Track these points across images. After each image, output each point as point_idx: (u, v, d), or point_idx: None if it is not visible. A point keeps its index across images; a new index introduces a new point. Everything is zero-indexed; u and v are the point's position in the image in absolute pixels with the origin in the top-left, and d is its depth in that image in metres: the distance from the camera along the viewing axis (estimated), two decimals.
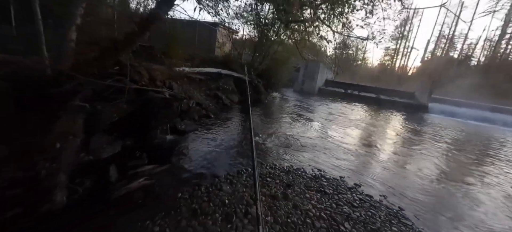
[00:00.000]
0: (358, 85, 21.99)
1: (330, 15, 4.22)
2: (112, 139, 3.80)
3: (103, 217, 2.24)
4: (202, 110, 6.80)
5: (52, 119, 3.02)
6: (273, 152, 4.67)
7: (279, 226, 2.33)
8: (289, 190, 3.09)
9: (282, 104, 11.79)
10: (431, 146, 6.97)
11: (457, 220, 3.06)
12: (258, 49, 11.91)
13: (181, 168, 3.54)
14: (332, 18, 4.13)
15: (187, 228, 2.15)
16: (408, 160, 5.32)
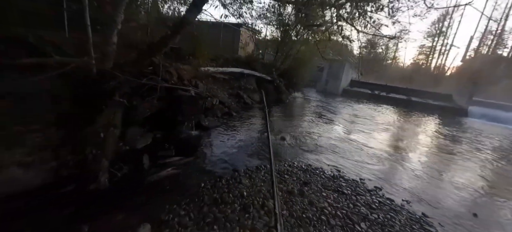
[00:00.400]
0: (387, 86, 20.77)
1: (353, 14, 4.16)
2: (144, 132, 4.22)
3: (137, 198, 2.56)
4: (225, 108, 7.10)
5: (97, 112, 3.49)
6: (292, 151, 4.74)
7: (294, 220, 2.43)
8: (306, 187, 3.16)
9: (304, 104, 11.70)
10: (469, 153, 6.41)
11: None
12: (280, 49, 11.95)
13: (204, 160, 3.81)
14: (356, 17, 4.07)
15: (209, 214, 2.37)
16: (439, 168, 4.99)
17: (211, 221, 2.27)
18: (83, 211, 2.26)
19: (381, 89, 20.16)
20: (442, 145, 7.03)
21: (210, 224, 2.23)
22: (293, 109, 10.03)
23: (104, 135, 3.17)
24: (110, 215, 2.24)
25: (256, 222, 2.32)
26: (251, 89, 9.79)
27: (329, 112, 10.00)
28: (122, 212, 2.30)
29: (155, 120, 4.46)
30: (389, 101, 17.26)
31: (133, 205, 2.44)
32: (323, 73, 19.27)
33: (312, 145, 5.23)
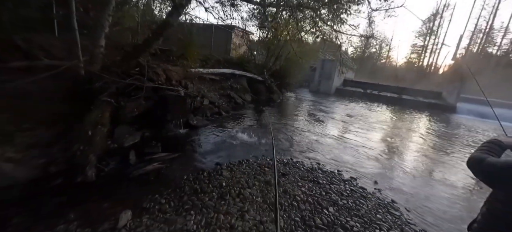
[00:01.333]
0: (379, 85, 21.16)
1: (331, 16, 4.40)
2: (132, 130, 4.39)
3: (122, 190, 2.75)
4: (215, 108, 7.29)
5: (85, 111, 3.66)
6: (277, 147, 4.95)
7: (266, 206, 2.63)
8: (283, 178, 3.37)
9: (295, 104, 11.93)
10: (449, 148, 6.71)
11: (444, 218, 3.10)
12: (271, 50, 12.19)
13: (190, 156, 4.01)
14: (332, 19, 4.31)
15: (188, 202, 2.56)
16: (421, 162, 5.25)
17: (189, 208, 2.46)
18: (70, 200, 2.44)
19: (374, 88, 20.52)
20: (428, 140, 7.32)
21: (188, 210, 2.42)
22: (283, 109, 10.26)
23: (92, 133, 3.34)
24: (96, 204, 2.42)
25: (230, 207, 2.52)
26: (242, 89, 10.00)
27: (320, 111, 10.25)
28: (107, 201, 2.48)
29: (143, 118, 4.64)
30: (381, 100, 17.61)
31: (117, 196, 2.62)
32: (316, 73, 19.56)
33: (298, 142, 5.45)
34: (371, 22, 4.49)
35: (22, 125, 3.22)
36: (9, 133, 3.04)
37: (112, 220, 2.18)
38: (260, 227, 2.26)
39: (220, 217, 2.34)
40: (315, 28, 4.38)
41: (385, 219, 2.75)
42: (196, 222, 2.23)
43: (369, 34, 4.66)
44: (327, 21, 4.52)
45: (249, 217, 2.38)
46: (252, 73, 11.20)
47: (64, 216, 2.19)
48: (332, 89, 19.26)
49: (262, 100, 10.78)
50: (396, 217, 2.84)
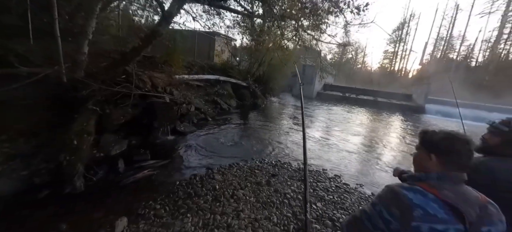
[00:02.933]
0: (356, 89, 22.43)
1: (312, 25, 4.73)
2: (119, 138, 4.31)
3: (114, 198, 2.72)
4: (201, 114, 7.31)
5: (69, 120, 3.55)
6: (264, 150, 5.13)
7: (259, 204, 2.77)
8: (273, 179, 3.53)
9: (279, 108, 12.27)
10: None
11: None
12: (254, 56, 12.47)
13: (180, 162, 4.02)
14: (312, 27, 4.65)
15: (183, 205, 2.61)
16: (396, 158, 5.73)
17: (185, 211, 2.52)
18: (60, 212, 2.38)
19: (351, 91, 21.70)
20: (402, 139, 7.96)
21: (184, 213, 2.48)
22: (268, 113, 10.50)
23: (78, 142, 3.25)
24: (88, 214, 2.39)
25: (226, 208, 2.62)
26: (227, 95, 10.10)
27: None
28: (99, 211, 2.46)
29: (130, 126, 4.56)
30: (358, 103, 18.66)
31: (110, 204, 2.59)
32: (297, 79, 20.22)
33: (284, 145, 5.67)
34: (347, 31, 4.91)
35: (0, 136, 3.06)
36: None
37: (108, 228, 2.18)
38: (256, 224, 2.39)
39: (217, 217, 2.43)
40: (297, 36, 4.67)
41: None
42: (193, 224, 2.30)
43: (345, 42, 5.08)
44: (307, 30, 4.85)
45: (244, 216, 2.50)
46: (236, 79, 11.35)
47: (55, 228, 2.14)
48: (313, 94, 20.05)
49: (247, 105, 10.95)
50: None
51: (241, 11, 4.39)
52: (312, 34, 4.83)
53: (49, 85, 3.82)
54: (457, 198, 0.75)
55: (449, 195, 0.76)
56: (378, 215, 0.82)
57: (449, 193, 0.76)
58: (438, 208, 0.74)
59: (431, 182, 0.82)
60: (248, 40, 12.10)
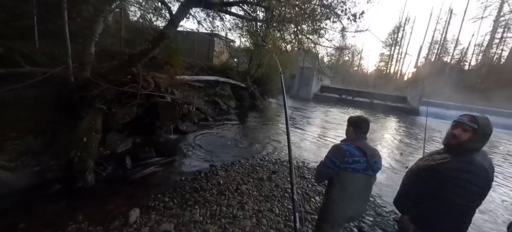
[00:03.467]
0: (352, 91, 22.78)
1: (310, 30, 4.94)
2: (124, 137, 4.44)
3: (124, 191, 2.87)
4: (201, 114, 7.47)
5: (76, 118, 3.68)
6: (264, 149, 5.31)
7: (262, 198, 2.95)
8: (274, 175, 3.71)
9: (277, 109, 12.46)
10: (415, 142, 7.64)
11: None
12: (253, 58, 12.67)
13: (183, 160, 4.18)
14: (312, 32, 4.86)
15: (190, 198, 2.77)
16: (390, 155, 5.96)
17: (193, 203, 2.68)
18: (74, 204, 2.52)
19: (348, 93, 22.06)
20: (397, 139, 8.23)
21: (191, 206, 2.64)
22: (266, 114, 10.69)
23: (87, 139, 3.39)
24: (101, 206, 2.53)
25: (231, 201, 2.79)
26: (226, 95, 10.26)
27: (300, 116, 10.87)
28: (111, 203, 2.60)
29: (133, 125, 4.70)
30: (355, 104, 19.00)
31: (121, 197, 2.74)
32: (295, 80, 20.52)
33: (281, 144, 5.87)
34: (344, 36, 5.13)
35: (10, 134, 3.18)
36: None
37: (122, 218, 2.32)
38: (259, 215, 2.57)
39: (223, 209, 2.60)
40: (296, 40, 4.87)
41: None
42: (201, 214, 2.47)
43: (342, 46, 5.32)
44: (306, 34, 5.05)
45: (249, 208, 2.67)
46: (235, 80, 11.53)
47: (72, 218, 2.28)
48: (310, 95, 20.33)
49: (246, 106, 11.13)
50: (370, 203, 3.33)
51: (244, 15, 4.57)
52: (311, 38, 5.03)
53: (56, 85, 3.95)
54: (363, 145, 1.56)
55: (360, 144, 1.57)
56: (330, 161, 1.57)
57: (359, 143, 1.57)
58: (355, 150, 1.53)
59: (352, 140, 1.63)
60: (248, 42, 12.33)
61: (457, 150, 1.34)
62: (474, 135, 1.29)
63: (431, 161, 1.41)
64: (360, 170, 1.52)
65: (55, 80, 3.97)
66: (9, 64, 3.96)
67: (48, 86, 3.91)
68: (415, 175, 1.51)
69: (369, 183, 1.61)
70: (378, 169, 1.61)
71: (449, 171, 1.29)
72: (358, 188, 1.57)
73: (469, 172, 1.24)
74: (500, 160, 6.85)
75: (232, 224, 2.36)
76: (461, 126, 1.34)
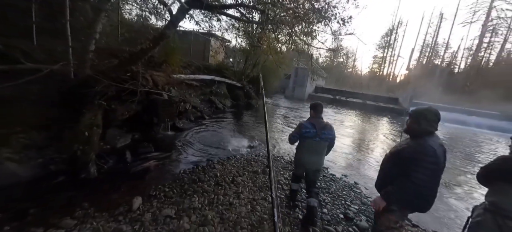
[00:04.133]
0: (346, 92, 23.24)
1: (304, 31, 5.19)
2: (123, 132, 4.59)
3: (126, 182, 3.03)
4: (198, 112, 7.63)
5: (78, 114, 3.81)
6: (259, 146, 5.52)
7: (256, 188, 3.16)
8: (268, 169, 3.93)
9: (272, 109, 12.70)
10: None
11: None
12: (249, 58, 12.88)
13: (181, 155, 4.35)
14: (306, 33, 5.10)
15: (189, 189, 2.96)
16: (379, 154, 6.26)
17: (192, 193, 2.87)
18: (79, 193, 2.67)
19: (341, 94, 22.50)
20: (389, 138, 8.56)
21: (190, 195, 2.82)
22: (261, 113, 10.89)
23: (89, 134, 3.53)
24: (105, 194, 2.70)
25: (227, 191, 2.99)
26: (222, 94, 10.44)
27: (295, 115, 11.14)
28: (114, 193, 2.77)
29: (132, 122, 4.84)
30: (348, 105, 19.41)
31: (123, 187, 2.91)
32: (290, 81, 20.82)
33: (275, 141, 6.09)
34: (336, 38, 5.41)
35: (15, 128, 3.30)
36: (3, 135, 3.11)
37: (126, 205, 2.50)
38: (253, 203, 2.78)
39: (220, 197, 2.80)
40: (290, 41, 5.11)
41: (348, 195, 3.47)
42: (200, 202, 2.66)
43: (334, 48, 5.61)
44: (300, 35, 5.30)
45: (244, 197, 2.88)
46: (231, 79, 11.72)
47: (78, 205, 2.44)
48: (305, 96, 20.65)
49: (241, 105, 11.33)
50: (357, 194, 3.59)
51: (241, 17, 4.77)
52: (304, 40, 5.28)
53: (57, 82, 4.07)
54: (315, 122, 2.50)
55: (313, 121, 2.52)
56: (295, 131, 2.57)
57: (313, 121, 2.52)
58: (309, 124, 2.49)
59: (309, 118, 2.59)
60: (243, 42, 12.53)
61: (412, 135, 1.77)
62: (412, 120, 1.76)
63: (398, 146, 1.83)
64: (309, 137, 2.48)
65: (56, 77, 4.09)
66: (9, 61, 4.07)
67: (50, 83, 4.03)
68: (387, 159, 1.92)
69: (318, 145, 2.52)
70: (326, 137, 2.51)
71: (406, 152, 1.68)
72: (309, 147, 2.53)
73: (420, 151, 1.60)
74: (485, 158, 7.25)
75: (228, 210, 2.57)
76: (408, 116, 1.85)
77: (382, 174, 1.96)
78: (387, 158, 1.93)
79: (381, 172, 1.97)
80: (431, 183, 1.62)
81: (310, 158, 2.55)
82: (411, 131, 1.83)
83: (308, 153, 2.54)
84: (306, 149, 2.53)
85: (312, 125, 2.46)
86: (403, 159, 1.70)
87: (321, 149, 2.54)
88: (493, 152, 8.38)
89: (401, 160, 1.72)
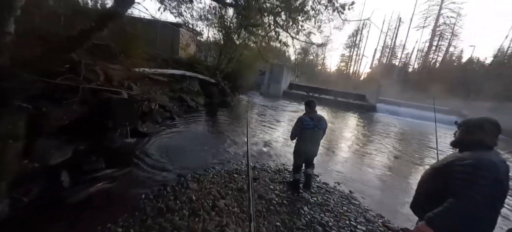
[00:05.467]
0: (319, 89, 23.76)
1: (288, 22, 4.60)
2: (61, 143, 3.45)
3: (57, 222, 2.08)
4: (166, 112, 6.58)
5: None
6: (240, 152, 4.83)
7: (245, 215, 2.49)
8: (255, 183, 3.28)
9: (249, 107, 12.04)
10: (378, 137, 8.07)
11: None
12: (223, 52, 11.97)
13: (144, 170, 3.42)
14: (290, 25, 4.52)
15: (153, 226, 2.14)
16: (360, 153, 6.07)
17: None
18: None
19: (314, 91, 22.90)
20: (360, 134, 8.59)
21: None
22: (238, 111, 10.19)
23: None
24: None
25: (207, 224, 2.25)
26: (194, 92, 9.41)
27: (273, 113, 10.66)
28: None
29: (76, 128, 3.72)
30: (322, 101, 19.70)
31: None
32: (265, 77, 20.39)
33: (258, 145, 5.47)
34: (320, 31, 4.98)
35: None
36: None
37: None
38: None
39: None
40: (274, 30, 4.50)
41: (349, 209, 3.02)
42: None
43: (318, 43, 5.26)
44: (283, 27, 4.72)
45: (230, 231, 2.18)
46: (204, 75, 10.71)
47: None
48: (280, 92, 20.46)
49: (216, 103, 10.42)
50: (357, 206, 3.16)
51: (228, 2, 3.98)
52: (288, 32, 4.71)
53: None
54: (313, 115, 2.94)
55: (311, 115, 2.94)
56: (297, 125, 2.93)
57: (312, 115, 2.95)
58: (309, 119, 2.89)
59: (306, 113, 2.99)
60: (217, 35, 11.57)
61: (465, 147, 1.43)
62: (463, 131, 1.46)
63: (444, 161, 1.45)
64: (309, 128, 2.85)
65: None
66: None
67: None
68: (429, 175, 1.52)
69: (316, 135, 2.96)
70: (322, 127, 2.96)
71: (456, 165, 1.33)
72: (310, 138, 2.92)
73: (474, 165, 1.25)
74: None
75: None
76: (457, 127, 1.55)
77: (422, 193, 1.56)
78: (429, 173, 1.54)
79: (421, 190, 1.57)
80: (489, 207, 1.22)
81: (310, 146, 2.99)
82: (462, 143, 1.46)
83: (309, 143, 2.95)
84: (308, 139, 2.92)
85: (310, 118, 2.88)
86: (451, 174, 1.34)
87: (318, 138, 3.01)
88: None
89: (449, 176, 1.35)
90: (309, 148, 2.99)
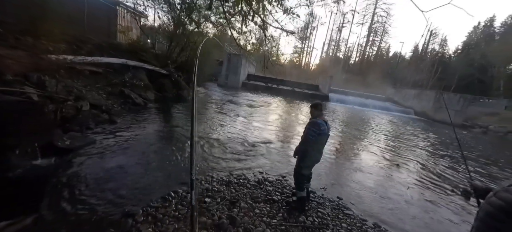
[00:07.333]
0: (276, 79, 23.94)
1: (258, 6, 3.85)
2: None
3: None
4: (102, 114, 5.06)
5: None
6: (205, 159, 3.95)
7: None
8: (235, 209, 2.52)
9: (207, 100, 10.91)
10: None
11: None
12: (175, 38, 10.37)
13: (63, 212, 2.23)
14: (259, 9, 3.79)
15: None
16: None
17: None
18: None
19: (273, 82, 22.96)
20: None
21: None
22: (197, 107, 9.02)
23: None
24: None
25: None
26: (141, 86, 7.78)
27: (235, 108, 9.88)
28: None
29: None
30: (280, 92, 19.87)
31: None
32: (223, 68, 19.21)
33: (227, 148, 4.66)
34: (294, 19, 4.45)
35: None
36: None
37: None
38: None
39: None
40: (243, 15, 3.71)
41: (346, 222, 2.61)
42: None
43: (289, 30, 4.77)
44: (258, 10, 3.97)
45: None
46: (152, 65, 9.04)
47: None
48: (239, 83, 19.67)
49: (169, 98, 8.97)
50: (352, 218, 2.79)
51: None
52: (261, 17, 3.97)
53: None
54: (324, 119, 2.66)
55: (323, 118, 2.65)
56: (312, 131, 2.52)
57: (323, 117, 2.66)
58: (323, 122, 2.58)
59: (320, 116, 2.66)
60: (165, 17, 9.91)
61: None
62: None
63: (510, 194, 1.08)
64: (325, 133, 2.59)
65: None
66: None
67: None
68: (490, 214, 1.14)
69: (327, 139, 2.71)
70: (329, 130, 2.69)
71: None
72: (323, 143, 2.68)
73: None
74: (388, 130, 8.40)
75: None
76: None
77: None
78: (487, 213, 1.16)
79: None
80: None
81: (321, 152, 2.73)
82: None
83: (321, 148, 2.70)
84: (322, 145, 2.67)
85: (325, 122, 2.62)
86: None
87: (326, 141, 2.75)
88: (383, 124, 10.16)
89: None
90: (319, 155, 2.71)
